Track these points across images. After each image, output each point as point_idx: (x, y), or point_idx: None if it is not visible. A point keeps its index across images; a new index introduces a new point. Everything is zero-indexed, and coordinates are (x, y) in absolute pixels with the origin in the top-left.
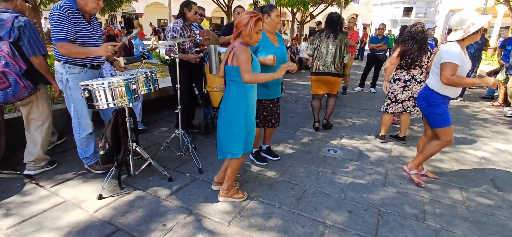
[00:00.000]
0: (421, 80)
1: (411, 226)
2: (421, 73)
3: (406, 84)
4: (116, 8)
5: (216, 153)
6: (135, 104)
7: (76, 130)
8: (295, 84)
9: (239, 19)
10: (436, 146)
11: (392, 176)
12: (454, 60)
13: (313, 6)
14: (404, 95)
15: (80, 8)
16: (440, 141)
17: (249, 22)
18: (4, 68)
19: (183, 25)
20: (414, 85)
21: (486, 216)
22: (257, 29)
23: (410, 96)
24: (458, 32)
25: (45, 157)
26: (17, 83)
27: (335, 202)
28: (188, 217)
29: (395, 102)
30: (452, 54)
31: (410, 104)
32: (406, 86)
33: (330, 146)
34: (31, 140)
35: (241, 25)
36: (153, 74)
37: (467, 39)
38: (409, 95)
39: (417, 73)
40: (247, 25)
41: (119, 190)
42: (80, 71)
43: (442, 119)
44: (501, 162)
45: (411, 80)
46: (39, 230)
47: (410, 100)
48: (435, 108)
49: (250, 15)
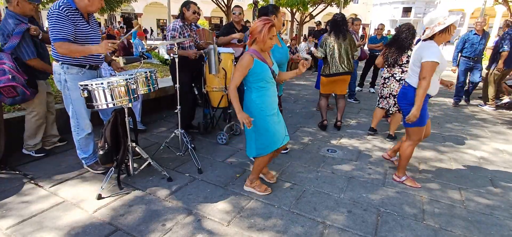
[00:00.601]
0: (401, 78)
1: (410, 225)
2: (402, 72)
3: (385, 81)
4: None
5: (215, 153)
6: (134, 104)
7: (74, 130)
8: (295, 84)
9: (253, 26)
10: (409, 147)
11: (391, 176)
12: (434, 59)
13: (313, 6)
14: (384, 91)
15: (79, 7)
16: (411, 141)
17: (262, 29)
18: (12, 82)
19: (183, 25)
20: (392, 82)
21: (484, 216)
22: (270, 35)
23: (390, 93)
24: (427, 31)
25: (33, 144)
26: (24, 92)
27: (334, 202)
28: (187, 217)
29: (381, 97)
30: (432, 52)
31: (392, 102)
32: (384, 84)
33: (329, 146)
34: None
35: (256, 33)
36: (152, 74)
37: (436, 38)
38: (388, 92)
39: (398, 72)
40: (261, 32)
41: (118, 190)
42: (79, 72)
43: (419, 119)
44: (500, 162)
45: (390, 77)
46: (38, 230)
47: (390, 98)
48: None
49: (264, 22)
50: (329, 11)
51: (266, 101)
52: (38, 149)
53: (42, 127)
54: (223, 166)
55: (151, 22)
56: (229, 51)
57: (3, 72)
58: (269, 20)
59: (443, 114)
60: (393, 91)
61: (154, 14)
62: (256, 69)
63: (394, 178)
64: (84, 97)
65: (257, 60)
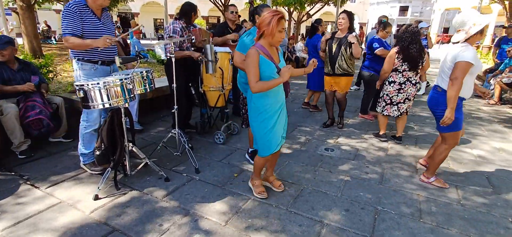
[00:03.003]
0: (417, 81)
1: (407, 224)
2: (416, 75)
3: (401, 86)
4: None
5: (212, 153)
6: (131, 104)
7: (82, 124)
8: (292, 83)
9: (261, 19)
10: (444, 151)
11: (388, 175)
12: (469, 59)
13: (310, 5)
14: (399, 97)
15: (89, 4)
16: (447, 145)
17: (271, 21)
18: (39, 115)
19: (183, 27)
20: (409, 87)
21: (481, 214)
22: (280, 28)
23: (406, 98)
24: (461, 34)
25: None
26: (49, 124)
27: (332, 201)
28: (184, 217)
29: (390, 104)
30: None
31: (405, 106)
32: (401, 89)
33: (327, 145)
34: None
35: (264, 25)
36: (149, 73)
37: (471, 40)
38: (404, 97)
39: (412, 75)
40: (269, 25)
41: (115, 191)
42: (91, 68)
43: (455, 123)
44: (497, 161)
45: (406, 82)
46: (34, 231)
47: (405, 102)
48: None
49: (272, 14)
50: (326, 10)
51: (266, 102)
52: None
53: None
54: (220, 165)
55: (148, 22)
56: (226, 50)
57: (33, 107)
58: (277, 11)
59: None
60: (409, 96)
61: (151, 14)
62: (261, 67)
63: (422, 179)
64: (80, 97)
65: (262, 57)
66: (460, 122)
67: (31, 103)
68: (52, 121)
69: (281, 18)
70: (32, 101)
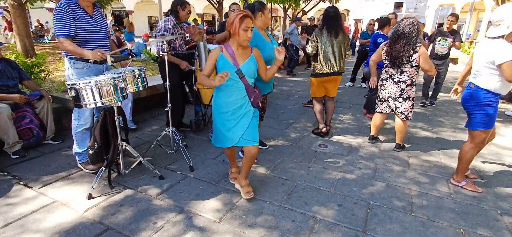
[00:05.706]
0: (400, 80)
1: (399, 218)
2: (401, 73)
3: (382, 83)
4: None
5: (207, 151)
6: (124, 102)
7: (74, 123)
8: (287, 80)
9: (227, 20)
10: (471, 150)
11: (381, 170)
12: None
13: (305, 2)
14: (383, 93)
15: (79, 2)
16: (473, 144)
17: (234, 20)
18: (29, 124)
19: (175, 24)
20: (389, 84)
21: (471, 207)
22: (243, 27)
23: (388, 96)
24: (501, 27)
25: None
26: (39, 134)
27: (325, 197)
28: (179, 215)
29: (380, 101)
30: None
31: (394, 106)
32: (382, 85)
33: (321, 142)
34: None
35: (228, 25)
36: (141, 72)
37: (509, 36)
38: (387, 95)
39: (396, 73)
40: (232, 24)
41: (109, 190)
42: (84, 66)
43: (489, 120)
44: (487, 154)
45: (388, 79)
46: (26, 231)
47: (389, 100)
48: (489, 108)
49: (236, 13)
50: (321, 7)
51: (221, 101)
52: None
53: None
54: (215, 163)
55: (142, 20)
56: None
57: (23, 117)
58: (243, 11)
59: (432, 108)
60: (392, 94)
61: (145, 12)
62: (218, 63)
63: (452, 182)
64: (71, 96)
65: (222, 55)
66: (493, 119)
67: (22, 113)
68: (41, 130)
69: (245, 17)
70: (22, 111)
